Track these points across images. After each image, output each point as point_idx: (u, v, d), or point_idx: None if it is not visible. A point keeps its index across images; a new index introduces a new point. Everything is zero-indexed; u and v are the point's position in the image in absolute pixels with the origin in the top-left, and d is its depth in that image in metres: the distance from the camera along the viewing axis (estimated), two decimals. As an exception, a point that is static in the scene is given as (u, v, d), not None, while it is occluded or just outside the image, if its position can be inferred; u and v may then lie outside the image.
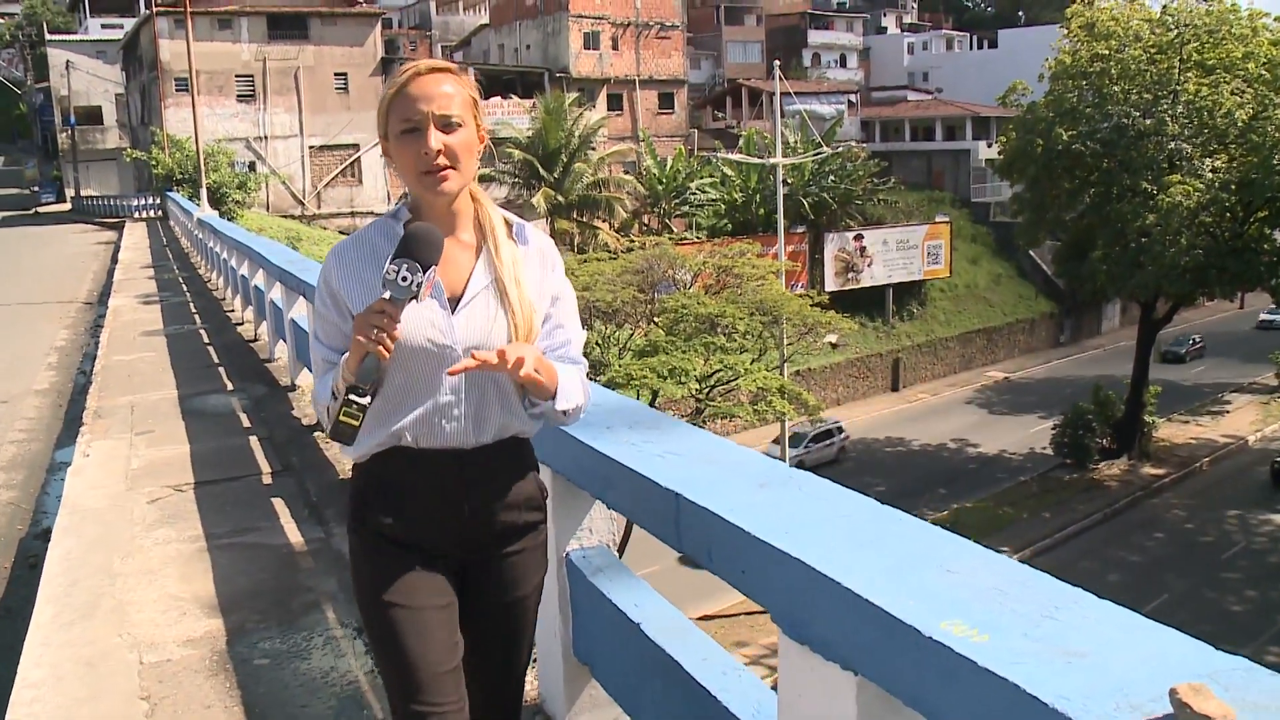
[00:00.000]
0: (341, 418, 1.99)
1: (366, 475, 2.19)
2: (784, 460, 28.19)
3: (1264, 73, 32.25)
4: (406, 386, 2.10)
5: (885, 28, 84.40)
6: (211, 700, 3.47)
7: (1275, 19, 34.01)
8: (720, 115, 62.35)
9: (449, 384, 2.11)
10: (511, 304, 2.12)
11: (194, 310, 14.32)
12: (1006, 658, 1.41)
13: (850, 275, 46.65)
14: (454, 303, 2.11)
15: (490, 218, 2.19)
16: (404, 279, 1.94)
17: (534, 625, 2.35)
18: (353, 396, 1.99)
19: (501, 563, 2.22)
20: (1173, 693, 1.26)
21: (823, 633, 1.74)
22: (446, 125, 2.09)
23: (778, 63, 37.86)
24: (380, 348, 1.95)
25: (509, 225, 2.21)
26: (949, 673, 1.46)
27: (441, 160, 2.08)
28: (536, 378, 2.02)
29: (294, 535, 5.06)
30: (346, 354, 2.04)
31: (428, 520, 2.15)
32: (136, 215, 41.98)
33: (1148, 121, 32.77)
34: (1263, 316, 54.75)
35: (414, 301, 1.97)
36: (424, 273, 1.95)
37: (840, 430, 37.70)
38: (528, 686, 2.86)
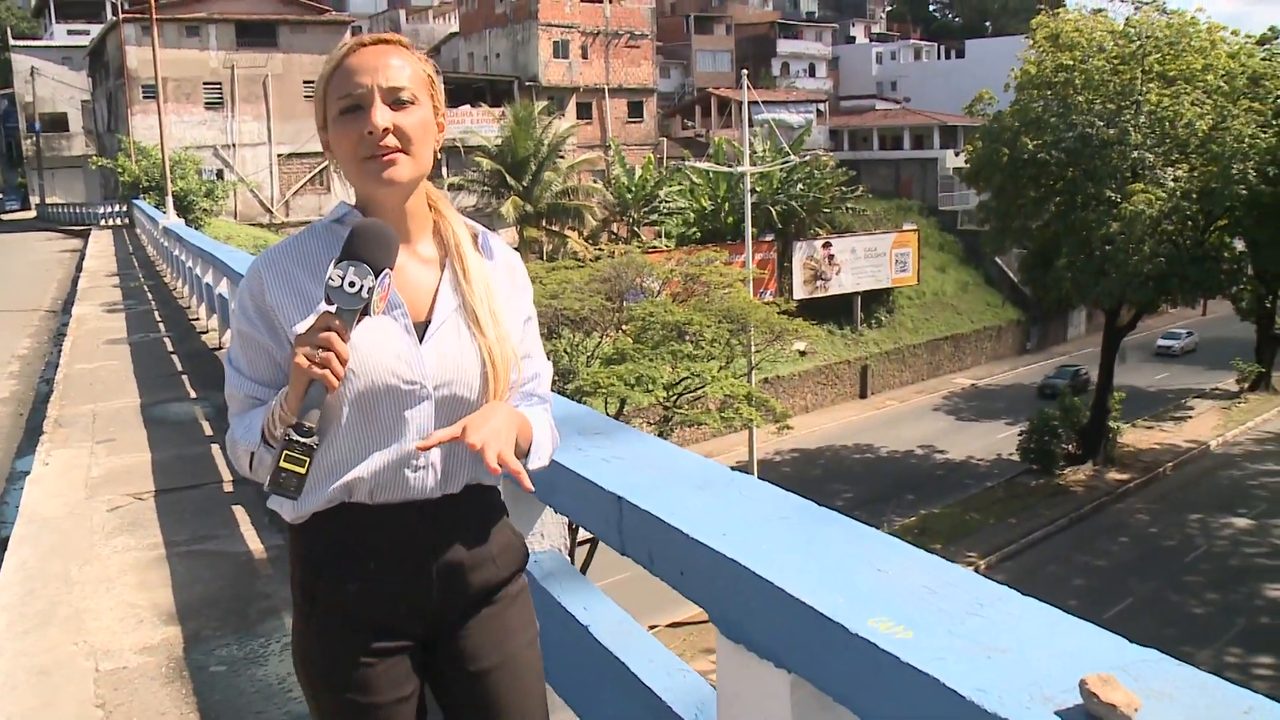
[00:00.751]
0: (283, 464, 1.62)
1: (311, 540, 1.83)
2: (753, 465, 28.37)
3: (1222, 84, 32.75)
4: (364, 430, 1.76)
5: (854, 37, 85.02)
6: (167, 707, 3.48)
7: (1232, 32, 34.60)
8: (690, 124, 62.56)
9: (416, 425, 1.77)
10: (486, 335, 1.82)
11: (159, 318, 14.27)
12: (929, 653, 1.46)
13: (819, 283, 46.88)
14: (419, 330, 1.79)
15: (453, 228, 1.88)
16: (352, 285, 1.60)
17: (542, 689, 2.00)
18: (296, 437, 1.62)
19: (480, 623, 1.90)
20: (1082, 684, 1.30)
21: (757, 632, 1.78)
22: (396, 101, 1.77)
23: (746, 72, 38.07)
24: (327, 373, 1.60)
25: (474, 236, 1.91)
26: (875, 669, 1.50)
27: (390, 141, 1.75)
28: (513, 467, 1.69)
29: (254, 543, 5.06)
30: (284, 388, 1.68)
31: (389, 589, 1.80)
32: (102, 223, 41.71)
33: (1111, 131, 33.15)
34: (1160, 342, 53.21)
35: (366, 316, 1.64)
36: (375, 277, 1.62)
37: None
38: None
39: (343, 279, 1.61)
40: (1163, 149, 33.25)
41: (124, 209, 40.28)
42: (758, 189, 43.82)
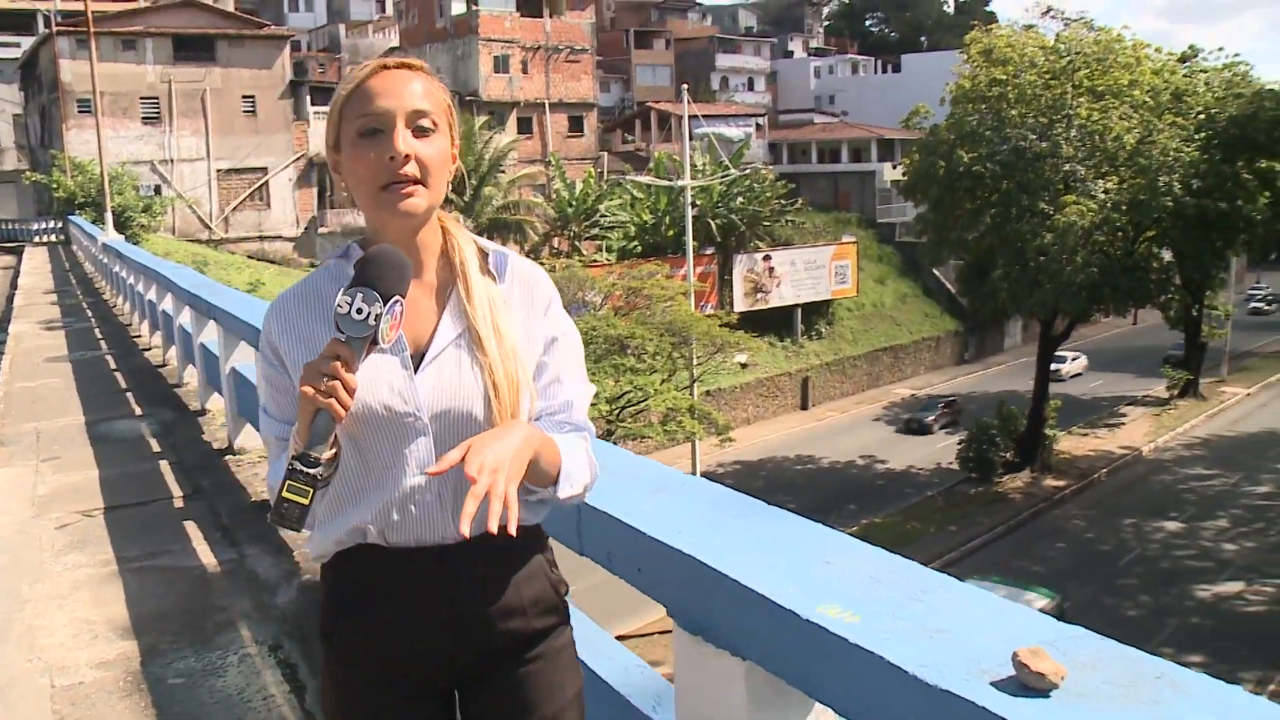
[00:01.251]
0: (285, 493, 1.55)
1: (331, 584, 1.81)
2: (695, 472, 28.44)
3: (1148, 99, 33.63)
4: (362, 467, 1.72)
5: (792, 52, 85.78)
6: (126, 719, 3.50)
7: (1155, 49, 35.53)
8: (630, 138, 62.80)
9: (416, 459, 1.70)
10: (489, 357, 1.72)
11: (100, 335, 14.11)
12: (876, 635, 1.58)
13: (759, 295, 47.23)
14: (417, 360, 1.72)
15: (461, 249, 1.79)
16: (359, 312, 1.54)
17: None
18: (299, 465, 1.55)
19: (512, 681, 1.79)
20: (1014, 655, 1.43)
21: (714, 623, 1.89)
22: (418, 128, 1.70)
23: (686, 86, 38.35)
24: (333, 402, 1.54)
25: (483, 256, 1.81)
26: (826, 651, 1.62)
27: (410, 169, 1.68)
28: (498, 506, 1.53)
29: (207, 557, 5.08)
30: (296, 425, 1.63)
31: (406, 638, 1.74)
32: (37, 239, 40.92)
33: (1043, 144, 33.86)
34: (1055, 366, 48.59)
35: (376, 345, 1.58)
36: (385, 304, 1.56)
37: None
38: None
39: (350, 306, 1.55)
40: (1093, 162, 34.03)
41: (59, 225, 39.62)
42: (698, 202, 44.11)
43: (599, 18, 67.47)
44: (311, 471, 1.56)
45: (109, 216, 26.00)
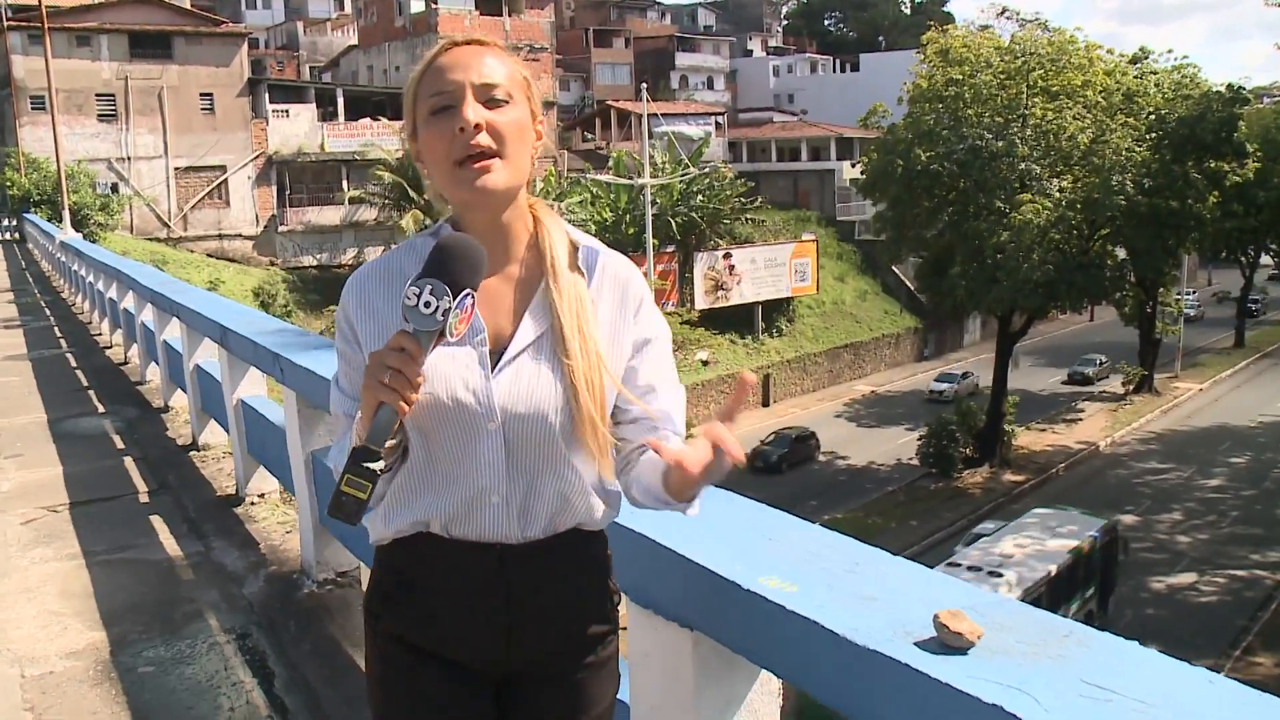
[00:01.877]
0: (344, 487, 1.51)
1: (384, 566, 1.77)
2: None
3: (1100, 100, 34.21)
4: (430, 460, 1.67)
5: (751, 51, 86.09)
6: (97, 707, 3.58)
7: (1107, 51, 36.11)
8: (590, 136, 62.79)
9: (486, 461, 1.65)
10: (572, 358, 1.64)
11: (60, 334, 14.05)
12: (811, 602, 1.71)
13: (720, 293, 47.42)
14: (495, 357, 1.66)
15: (550, 240, 1.72)
16: (427, 305, 1.48)
17: None
18: (360, 460, 1.51)
19: (559, 686, 1.78)
20: (935, 617, 1.57)
21: (663, 596, 2.02)
22: (490, 100, 1.63)
23: (645, 85, 38.47)
24: (395, 396, 1.48)
25: (574, 250, 1.74)
26: (766, 618, 1.76)
27: (483, 140, 1.61)
28: (704, 476, 1.57)
29: (173, 550, 5.15)
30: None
31: (456, 631, 1.71)
32: (-10, 238, 40.49)
33: (1000, 143, 34.30)
34: (931, 386, 47.34)
35: (445, 339, 1.51)
36: (454, 298, 1.49)
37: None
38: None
39: (418, 298, 1.48)
40: (1048, 161, 34.53)
41: (13, 223, 39.19)
42: (658, 200, 44.26)
43: (558, 16, 67.54)
44: (372, 466, 1.50)
45: (66, 214, 25.74)
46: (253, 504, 5.70)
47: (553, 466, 1.69)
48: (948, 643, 1.55)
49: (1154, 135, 33.87)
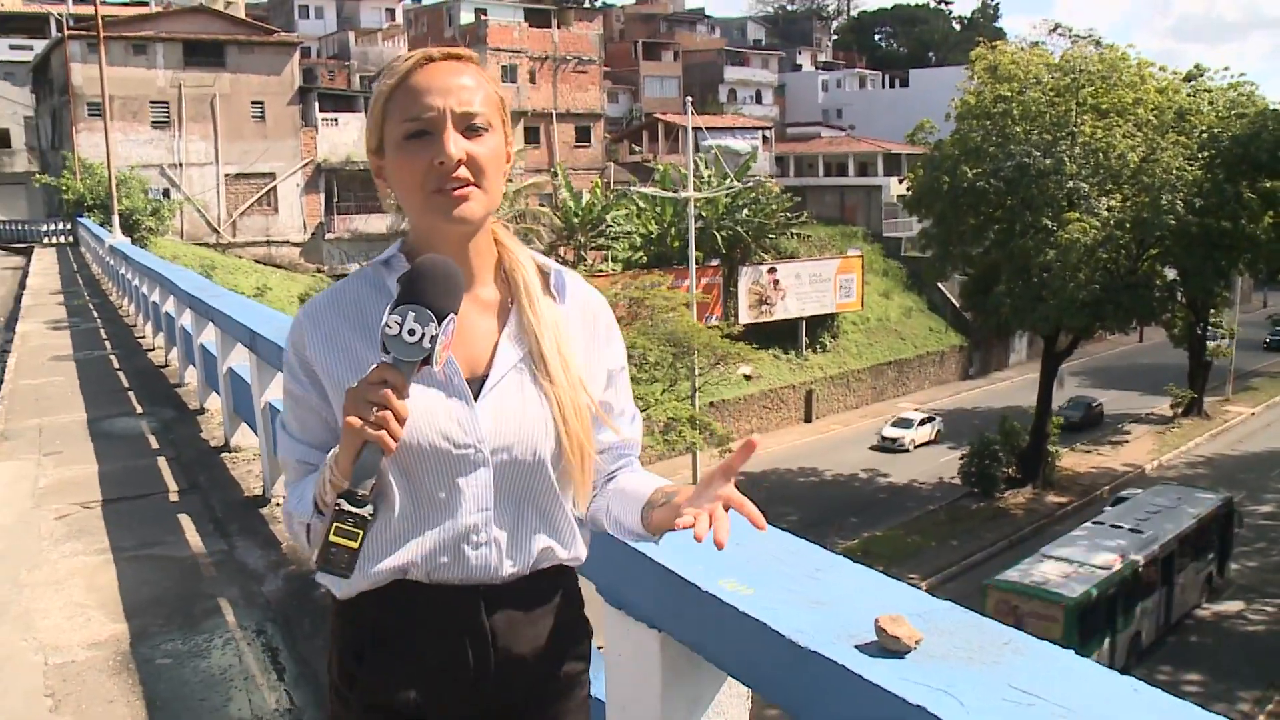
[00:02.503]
0: (333, 537, 1.42)
1: (354, 623, 1.65)
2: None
3: (1152, 118, 33.84)
4: (414, 502, 1.58)
5: (800, 65, 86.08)
6: (114, 696, 3.70)
7: (1160, 68, 35.73)
8: (637, 149, 63.07)
9: (473, 496, 1.58)
10: (556, 386, 1.60)
11: (105, 336, 14.36)
12: (764, 606, 1.78)
13: (764, 308, 47.36)
14: (475, 386, 1.59)
15: (520, 265, 1.66)
16: (411, 333, 1.40)
17: None
18: (347, 506, 1.42)
19: None
20: (876, 621, 1.62)
21: (633, 597, 2.09)
22: (469, 128, 1.56)
23: (690, 99, 38.56)
24: (383, 434, 1.40)
25: (544, 275, 1.68)
26: (722, 620, 1.82)
27: (463, 173, 1.54)
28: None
29: (198, 548, 5.29)
30: (334, 449, 1.49)
31: (439, 680, 1.62)
32: (46, 240, 41.26)
33: (1048, 161, 33.99)
34: (884, 432, 42.55)
35: (428, 366, 1.43)
36: (439, 323, 1.42)
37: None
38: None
39: (401, 325, 1.40)
40: (1097, 179, 34.18)
41: (68, 227, 39.97)
42: (703, 214, 44.33)
43: (608, 29, 67.97)
44: (360, 512, 1.43)
45: (115, 219, 26.24)
46: (278, 505, 5.82)
47: (539, 498, 1.64)
48: (886, 646, 1.60)
49: (1206, 154, 33.39)
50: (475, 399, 1.58)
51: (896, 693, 1.47)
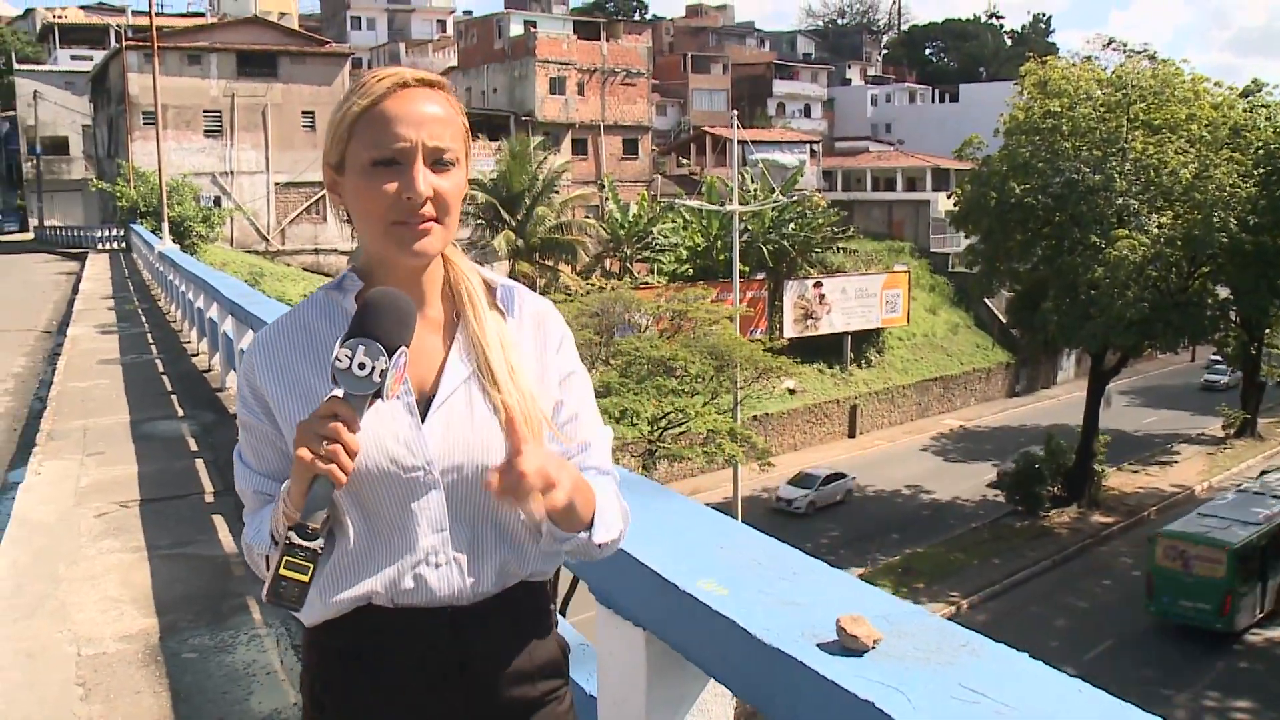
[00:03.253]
0: (284, 570, 1.41)
1: (322, 650, 1.63)
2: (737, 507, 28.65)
3: (1205, 134, 33.38)
4: (368, 529, 1.57)
5: (849, 79, 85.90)
6: (141, 687, 3.83)
7: (1215, 84, 35.28)
8: (685, 161, 63.21)
9: (428, 518, 1.57)
10: (505, 398, 1.56)
11: (151, 340, 14.65)
12: (736, 605, 1.85)
13: (809, 322, 47.26)
14: (422, 405, 1.57)
15: (466, 281, 1.65)
16: (361, 366, 1.40)
17: None
18: (297, 539, 1.41)
19: None
20: (837, 621, 1.69)
21: (620, 596, 2.17)
22: (437, 162, 1.54)
23: (735, 112, 38.63)
24: (333, 467, 1.39)
25: (490, 290, 1.67)
26: (698, 618, 1.89)
27: (427, 209, 1.53)
28: (563, 504, 1.49)
29: (230, 547, 5.43)
30: (287, 481, 1.47)
31: (412, 706, 1.60)
32: (100, 246, 42.11)
33: (1097, 177, 33.68)
34: (780, 493, 37.98)
35: (379, 400, 1.43)
36: (389, 357, 1.41)
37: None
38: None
39: (351, 359, 1.40)
40: (1147, 196, 33.81)
41: (121, 233, 40.73)
42: (750, 227, 44.34)
43: (657, 42, 68.24)
44: (311, 545, 1.41)
45: (165, 226, 26.72)
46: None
47: (495, 515, 1.61)
48: (846, 645, 1.67)
49: (1262, 170, 32.93)
50: (424, 418, 1.57)
51: (850, 689, 1.54)
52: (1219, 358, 51.21)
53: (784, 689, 1.68)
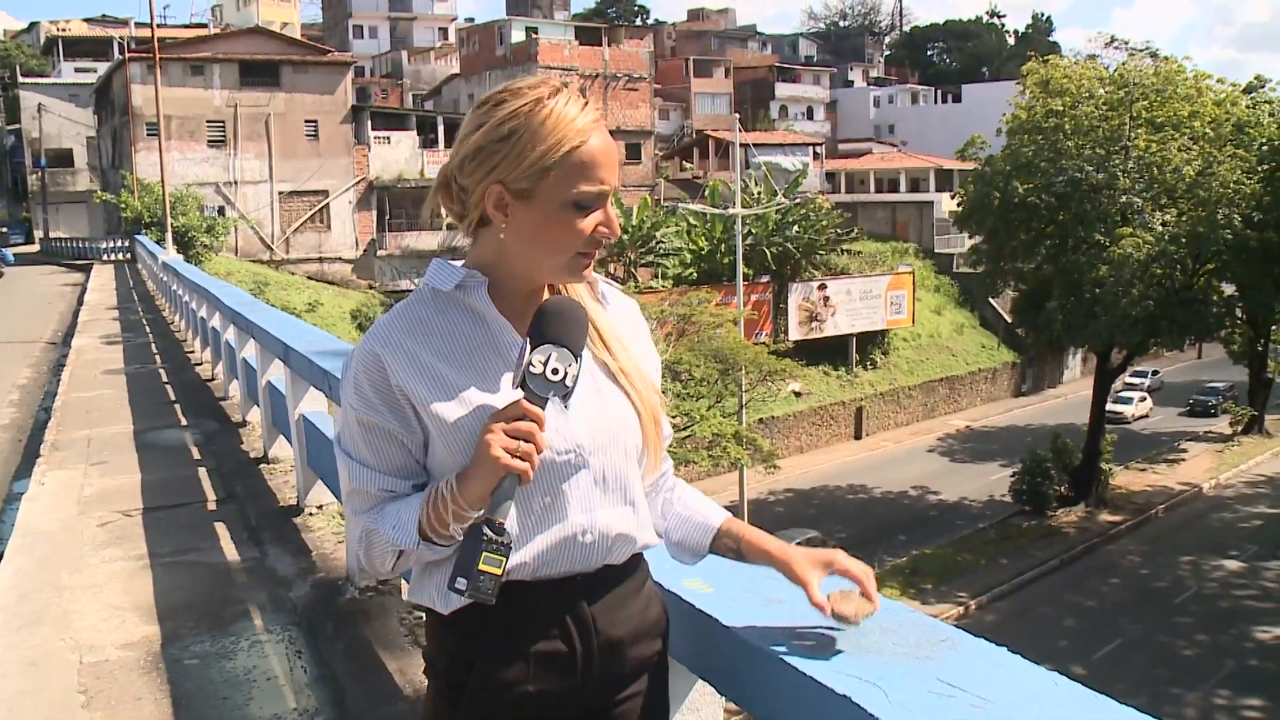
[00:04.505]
0: (483, 566, 1.50)
1: (464, 628, 1.68)
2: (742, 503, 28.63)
3: (1209, 131, 33.37)
4: (521, 511, 1.64)
5: (852, 81, 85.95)
6: (143, 693, 3.85)
7: (1218, 80, 35.25)
8: (688, 165, 63.24)
9: (577, 500, 1.67)
10: (635, 386, 1.72)
11: (155, 351, 14.69)
12: (721, 603, 1.87)
13: (814, 324, 47.22)
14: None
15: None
16: (555, 372, 1.52)
17: None
18: (491, 534, 1.51)
19: (631, 707, 1.77)
20: (829, 597, 1.70)
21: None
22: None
23: (738, 115, 38.65)
24: (526, 466, 1.50)
25: (591, 286, 1.77)
26: (684, 615, 1.91)
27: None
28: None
29: (232, 555, 5.45)
30: (448, 480, 1.58)
31: (549, 672, 1.67)
32: (105, 257, 42.20)
33: (1100, 176, 33.69)
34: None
35: (561, 401, 1.56)
36: (577, 362, 1.54)
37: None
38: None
39: (544, 365, 1.51)
40: (1151, 194, 33.79)
41: (126, 244, 40.84)
42: (753, 231, 44.33)
43: (659, 46, 68.30)
44: (504, 540, 1.51)
45: (169, 236, 26.81)
46: (311, 514, 5.97)
47: (629, 491, 1.72)
48: (837, 613, 1.70)
49: (1266, 167, 32.90)
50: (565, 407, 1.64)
51: (827, 684, 1.56)
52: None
53: (766, 687, 1.70)
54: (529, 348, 1.53)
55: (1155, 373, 52.09)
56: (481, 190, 1.65)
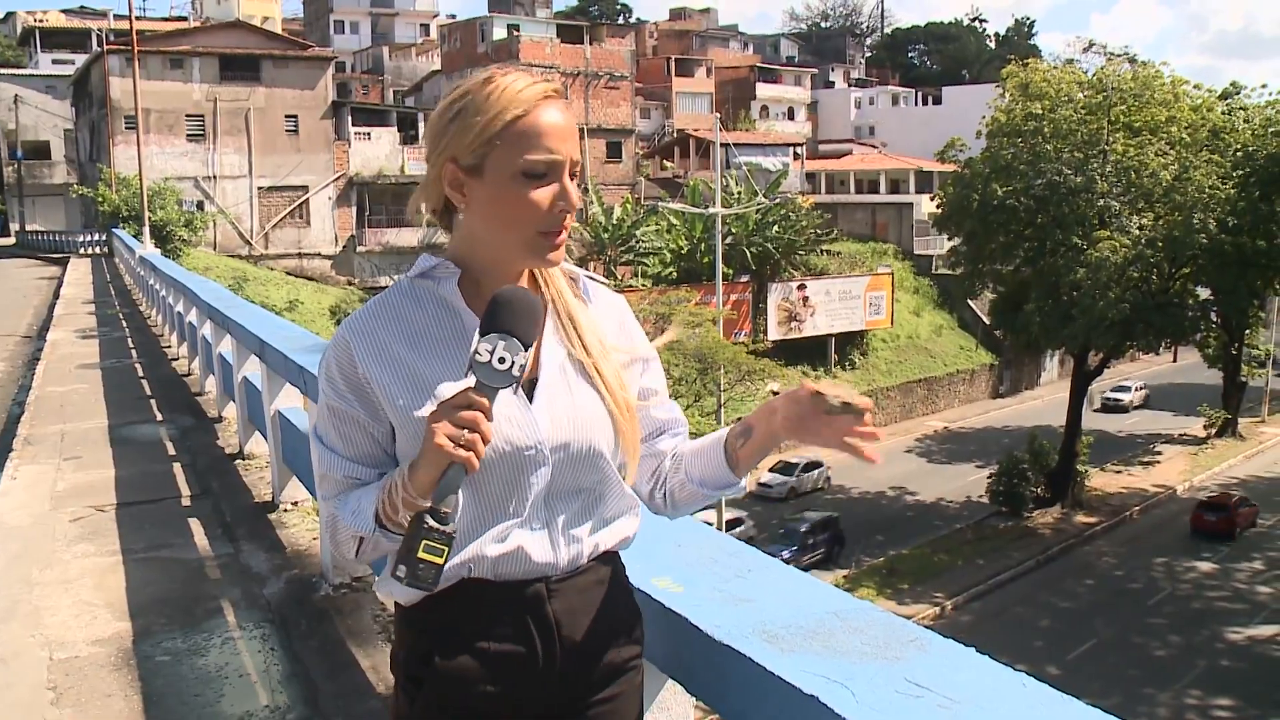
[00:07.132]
0: (422, 554, 1.48)
1: (423, 621, 1.68)
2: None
3: (1185, 136, 33.66)
4: (478, 503, 1.63)
5: (833, 82, 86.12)
6: (113, 690, 3.82)
7: (1195, 86, 35.52)
8: (669, 165, 63.25)
9: (535, 493, 1.65)
10: (608, 382, 1.70)
11: (132, 345, 14.58)
12: (690, 602, 1.87)
13: (793, 324, 47.34)
14: (526, 388, 1.65)
15: (550, 273, 1.74)
16: (502, 360, 1.49)
17: None
18: (433, 523, 1.49)
19: (599, 714, 1.74)
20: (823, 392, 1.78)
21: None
22: (570, 175, 1.64)
23: (718, 115, 38.69)
24: (471, 455, 1.47)
25: (572, 280, 1.78)
26: (654, 614, 1.90)
27: (569, 220, 1.64)
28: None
29: (205, 551, 5.42)
30: (397, 468, 1.60)
31: (508, 675, 1.65)
32: (82, 251, 41.89)
33: (1078, 179, 33.91)
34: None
35: (508, 391, 1.52)
36: (526, 352, 1.51)
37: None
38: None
39: (491, 354, 1.49)
40: (1128, 197, 34.05)
41: (103, 238, 40.55)
42: (733, 230, 44.39)
43: (641, 45, 68.28)
44: (447, 529, 1.49)
45: (146, 230, 26.62)
46: (285, 511, 5.95)
47: (596, 489, 1.71)
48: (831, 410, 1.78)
49: (1241, 172, 33.18)
50: (529, 399, 1.65)
51: (795, 684, 1.56)
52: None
53: (734, 686, 1.70)
54: (477, 336, 1.51)
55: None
56: (437, 171, 1.65)
